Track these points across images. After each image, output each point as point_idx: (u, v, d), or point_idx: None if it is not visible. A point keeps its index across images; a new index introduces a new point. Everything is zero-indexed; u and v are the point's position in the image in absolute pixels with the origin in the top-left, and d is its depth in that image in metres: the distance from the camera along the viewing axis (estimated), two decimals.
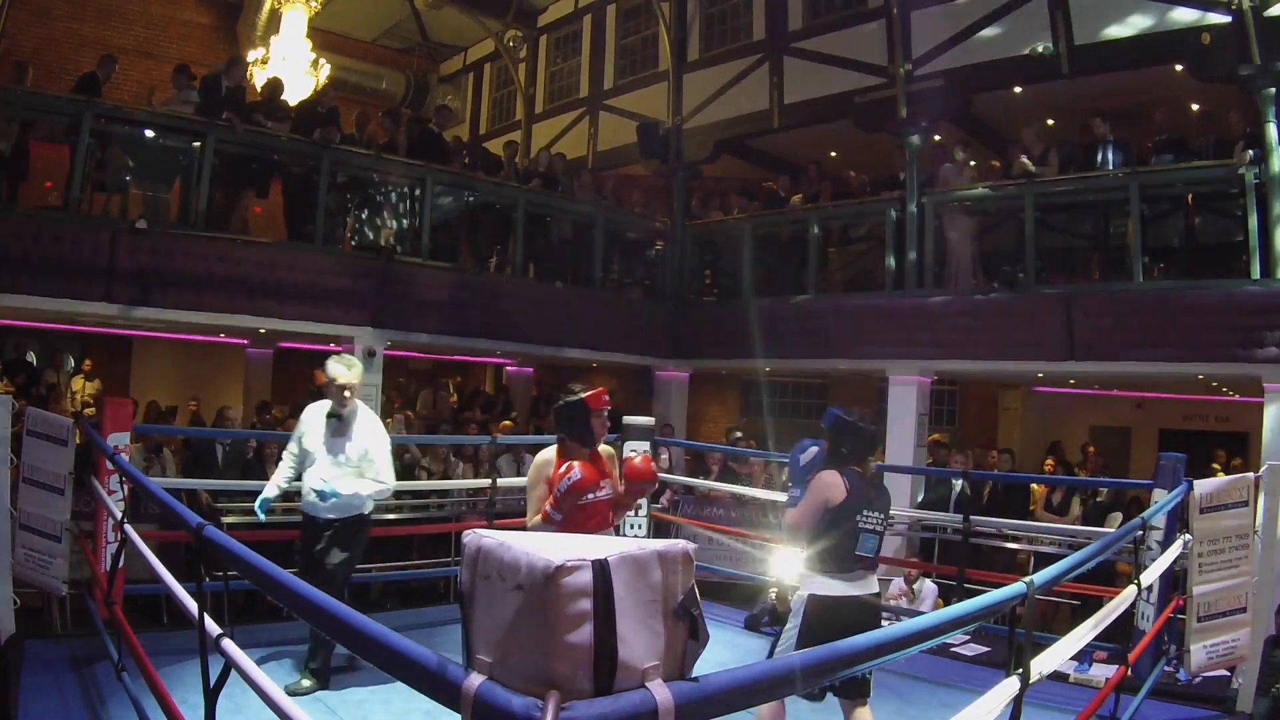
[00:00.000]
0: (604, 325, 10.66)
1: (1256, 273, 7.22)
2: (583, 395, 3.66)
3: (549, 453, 3.68)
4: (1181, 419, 11.52)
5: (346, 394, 4.54)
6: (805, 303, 10.07)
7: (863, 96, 9.82)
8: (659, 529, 7.44)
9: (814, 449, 3.65)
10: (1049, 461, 9.36)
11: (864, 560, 3.45)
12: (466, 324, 9.44)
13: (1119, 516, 7.35)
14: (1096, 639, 3.40)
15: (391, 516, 7.43)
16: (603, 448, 3.82)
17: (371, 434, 4.63)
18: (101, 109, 7.65)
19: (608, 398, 3.76)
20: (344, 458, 4.55)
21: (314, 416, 4.63)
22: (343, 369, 4.53)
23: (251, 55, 11.98)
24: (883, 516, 3.51)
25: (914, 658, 4.32)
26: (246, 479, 7.25)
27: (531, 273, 10.32)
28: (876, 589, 3.56)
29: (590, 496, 3.55)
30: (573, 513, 3.49)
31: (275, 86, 9.15)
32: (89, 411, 8.85)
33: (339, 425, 4.58)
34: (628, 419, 6.98)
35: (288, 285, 8.20)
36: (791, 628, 3.45)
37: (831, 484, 3.44)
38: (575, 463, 3.45)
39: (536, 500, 3.58)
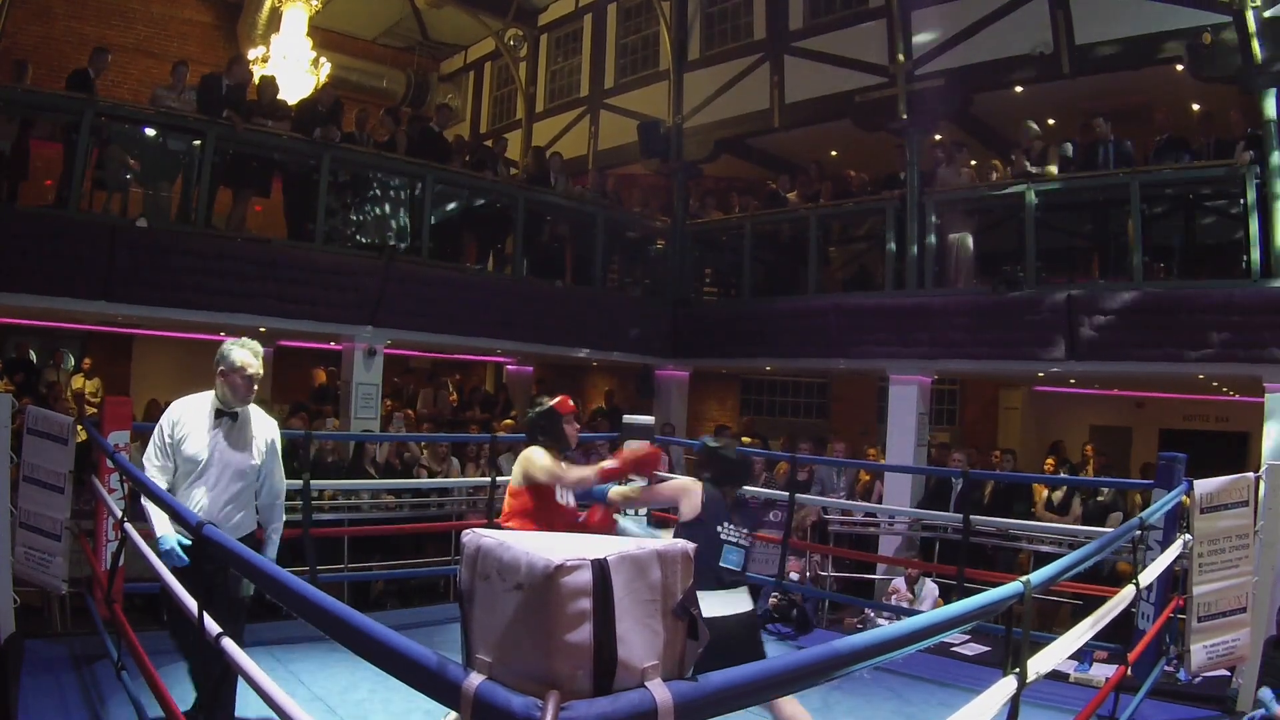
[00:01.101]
0: (604, 325, 10.66)
1: (1256, 273, 7.22)
2: (552, 404, 3.94)
3: (544, 452, 3.87)
4: (1181, 419, 11.52)
5: (255, 387, 3.57)
6: (805, 302, 10.07)
7: (863, 96, 9.81)
8: (659, 528, 7.43)
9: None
10: (1049, 461, 9.36)
11: (731, 571, 3.44)
12: (466, 323, 9.44)
13: (1120, 516, 7.36)
14: (1096, 639, 3.40)
15: (391, 516, 7.45)
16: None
17: (272, 436, 3.68)
18: (101, 107, 7.65)
19: (571, 403, 4.04)
20: (244, 470, 3.53)
21: (194, 416, 3.50)
22: (250, 355, 3.51)
23: (252, 54, 11.98)
24: (745, 530, 3.52)
25: (913, 657, 4.32)
26: None
27: (531, 272, 10.32)
28: (747, 605, 3.49)
29: (573, 501, 3.92)
30: (562, 509, 3.85)
31: (269, 86, 9.14)
32: (90, 411, 8.86)
33: (233, 426, 3.53)
34: (628, 418, 6.98)
35: (288, 284, 8.20)
36: None
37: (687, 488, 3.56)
38: (538, 447, 3.85)
39: (569, 472, 3.85)
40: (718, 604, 3.30)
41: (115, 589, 4.12)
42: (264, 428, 3.63)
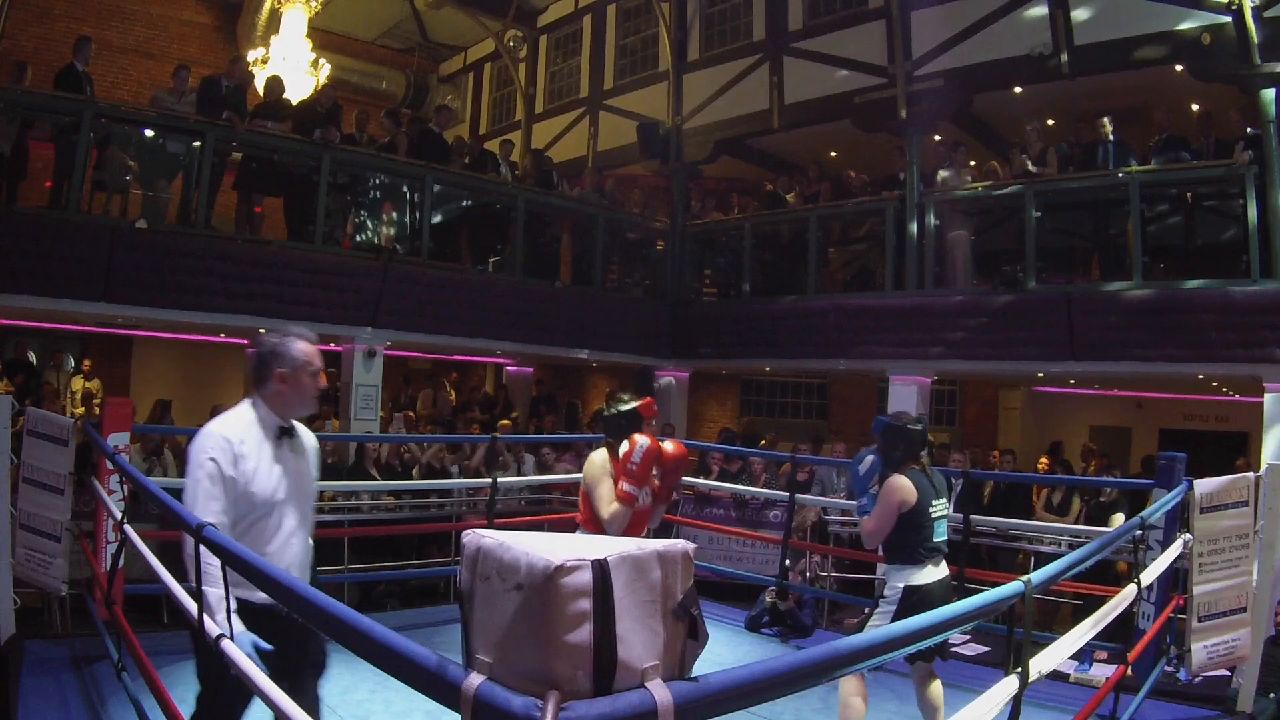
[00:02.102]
0: (604, 325, 10.66)
1: (1256, 273, 7.22)
2: (635, 405, 3.90)
3: (602, 453, 3.84)
4: (1181, 419, 11.53)
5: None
6: (805, 303, 10.07)
7: (863, 96, 9.82)
8: (660, 528, 7.43)
9: (870, 458, 3.87)
10: (1043, 461, 9.36)
11: (940, 545, 3.77)
12: (466, 324, 9.44)
13: (1121, 516, 7.35)
14: (1096, 638, 3.40)
15: (392, 516, 7.44)
16: None
17: (315, 445, 2.92)
18: (100, 109, 7.65)
19: (656, 408, 4.05)
20: (311, 497, 2.85)
21: (253, 442, 2.65)
22: (311, 345, 2.76)
23: (251, 55, 11.99)
24: (945, 501, 3.83)
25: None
26: None
27: (531, 273, 10.32)
28: (948, 570, 3.87)
29: (643, 502, 3.76)
30: (637, 511, 3.72)
31: (275, 85, 9.15)
32: (90, 411, 8.86)
33: (295, 445, 2.78)
34: None
35: (288, 285, 8.20)
36: (885, 611, 3.72)
37: (902, 488, 3.70)
38: (637, 435, 3.71)
39: (604, 494, 3.74)
40: (935, 572, 3.74)
41: (115, 590, 4.11)
42: (308, 437, 2.88)
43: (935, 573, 3.75)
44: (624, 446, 3.72)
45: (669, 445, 3.80)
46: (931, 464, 3.92)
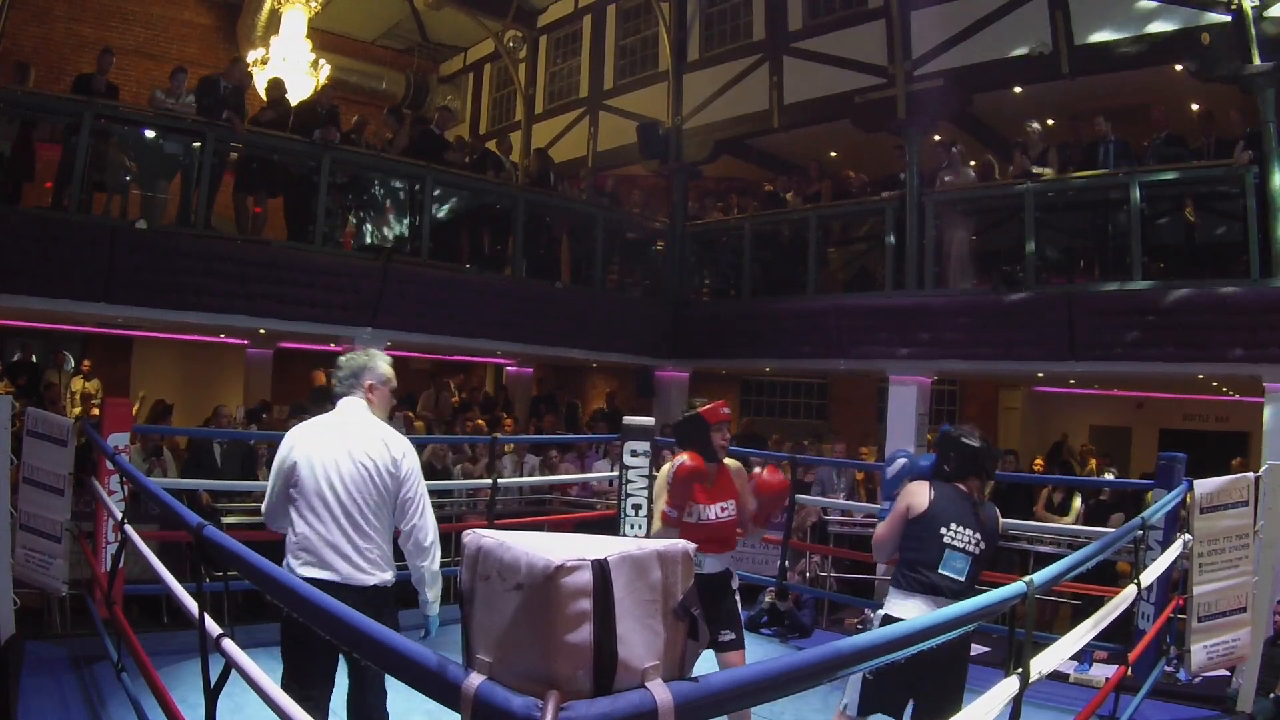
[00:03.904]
0: (604, 325, 10.66)
1: (1256, 273, 7.22)
2: (699, 410, 3.64)
3: (677, 459, 3.59)
4: (1181, 419, 11.53)
5: None
6: (805, 303, 10.07)
7: (863, 96, 9.82)
8: None
9: (902, 460, 3.58)
10: (1038, 461, 9.36)
11: (949, 581, 3.10)
12: (467, 324, 9.44)
13: (1121, 516, 7.36)
14: (1096, 639, 3.40)
15: None
16: (730, 463, 3.74)
17: None
18: (101, 109, 7.65)
19: (727, 410, 3.71)
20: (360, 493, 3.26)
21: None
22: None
23: (251, 55, 11.99)
24: (978, 537, 3.17)
25: None
26: (245, 478, 7.27)
27: (531, 273, 10.32)
28: None
29: (714, 515, 3.57)
30: (695, 527, 3.51)
31: (276, 87, 9.16)
32: (93, 412, 8.84)
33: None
34: (627, 419, 6.96)
35: (288, 285, 8.20)
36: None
37: (915, 491, 3.26)
38: (684, 454, 3.51)
39: (656, 509, 3.62)
40: (930, 609, 2.99)
41: (115, 590, 4.12)
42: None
43: (926, 611, 3.06)
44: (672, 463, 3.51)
45: (766, 474, 3.59)
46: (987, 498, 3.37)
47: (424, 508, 3.07)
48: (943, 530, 3.13)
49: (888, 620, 3.10)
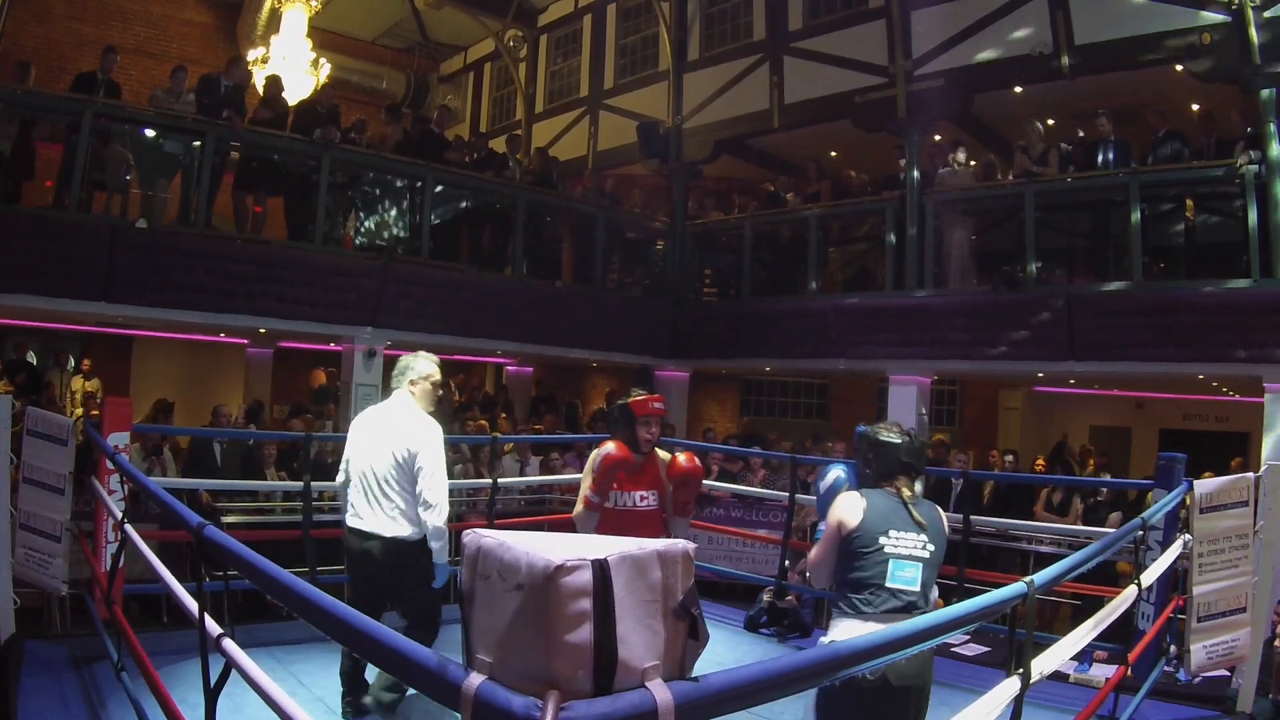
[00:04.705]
0: (604, 325, 10.66)
1: (1256, 273, 7.22)
2: (629, 401, 3.72)
3: (603, 448, 3.70)
4: (1181, 419, 11.53)
5: None
6: (805, 303, 10.07)
7: (863, 96, 9.82)
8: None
9: (836, 472, 3.12)
10: (1039, 461, 9.37)
11: (901, 594, 2.75)
12: (466, 324, 9.44)
13: (1119, 516, 7.36)
14: (1096, 639, 3.39)
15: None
16: (662, 454, 3.83)
17: None
18: (101, 108, 7.64)
19: (659, 405, 3.74)
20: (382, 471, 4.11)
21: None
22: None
23: (252, 55, 11.99)
24: (924, 539, 2.80)
25: None
26: (245, 478, 7.27)
27: (531, 273, 10.32)
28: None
29: (634, 502, 3.69)
30: (616, 513, 3.64)
31: (274, 85, 9.15)
32: (93, 412, 8.85)
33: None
34: None
35: (288, 285, 8.20)
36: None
37: (844, 505, 2.86)
38: (610, 443, 3.60)
39: (580, 493, 3.72)
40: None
41: (115, 590, 4.11)
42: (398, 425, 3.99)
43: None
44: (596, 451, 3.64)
45: (682, 458, 3.68)
46: (922, 493, 2.99)
47: (433, 477, 3.69)
48: (882, 540, 2.78)
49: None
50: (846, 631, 2.75)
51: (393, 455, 3.74)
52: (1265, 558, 4.47)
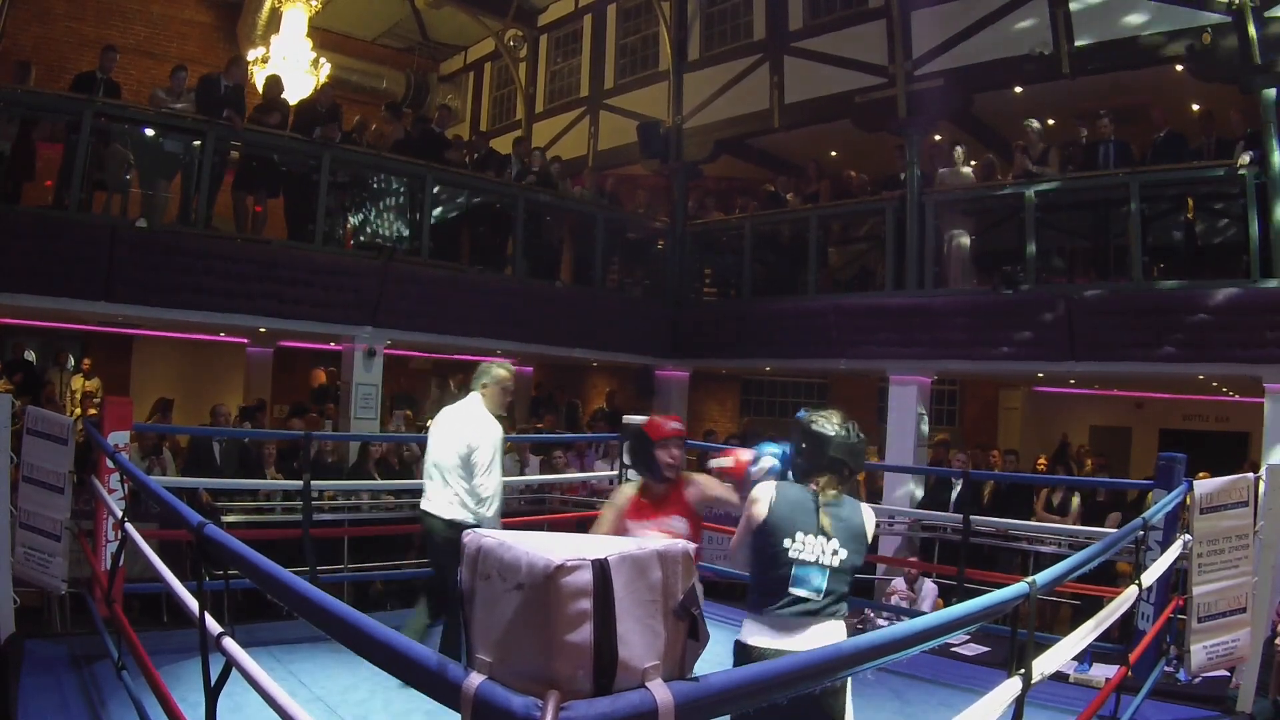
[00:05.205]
0: (604, 325, 10.66)
1: (1256, 273, 7.22)
2: (642, 425, 3.35)
3: (628, 489, 3.36)
4: (1181, 419, 11.53)
5: None
6: (805, 303, 10.07)
7: (863, 96, 9.82)
8: None
9: (767, 455, 2.93)
10: (1041, 460, 9.37)
11: (803, 602, 2.57)
12: (466, 323, 9.44)
13: (1119, 516, 7.36)
14: (1097, 639, 3.39)
15: (392, 516, 7.43)
16: (686, 474, 3.38)
17: None
18: (101, 108, 7.64)
19: (677, 425, 3.34)
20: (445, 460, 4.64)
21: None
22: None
23: (252, 54, 11.98)
24: (835, 545, 2.61)
25: (914, 658, 4.32)
26: (244, 477, 7.27)
27: (532, 272, 10.31)
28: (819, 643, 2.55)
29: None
30: None
31: (274, 85, 9.15)
32: (91, 411, 8.85)
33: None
34: (627, 419, 6.99)
35: (288, 284, 8.20)
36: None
37: (755, 496, 2.69)
38: (627, 485, 3.36)
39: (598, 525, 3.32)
40: (780, 638, 2.57)
41: (115, 589, 4.11)
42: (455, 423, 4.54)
43: (783, 639, 2.57)
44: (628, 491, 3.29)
45: (725, 460, 3.18)
46: (852, 493, 2.77)
47: (486, 470, 4.26)
48: (786, 542, 2.60)
49: (741, 648, 2.64)
50: (748, 629, 2.67)
51: (454, 450, 4.30)
52: (1265, 558, 4.47)
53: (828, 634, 2.58)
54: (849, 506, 2.70)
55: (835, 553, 2.62)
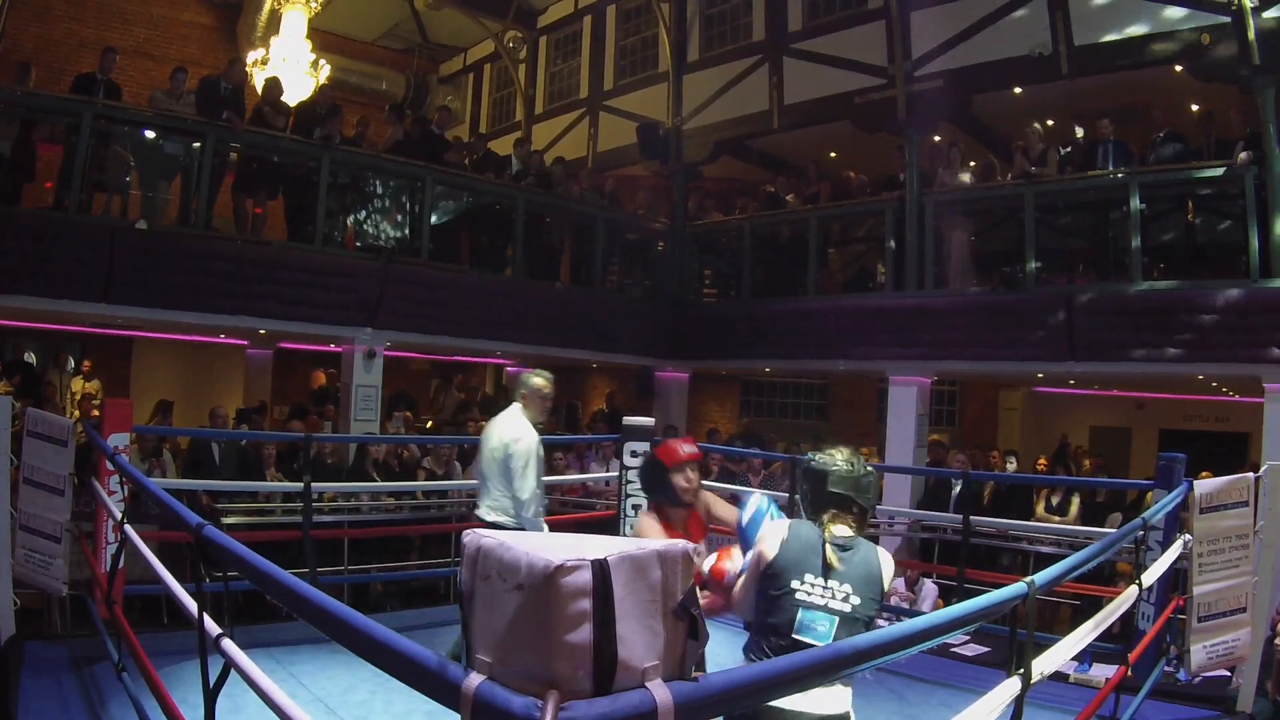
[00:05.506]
0: (604, 325, 10.66)
1: (1256, 273, 7.22)
2: (654, 450, 3.21)
3: (649, 521, 3.20)
4: (1181, 419, 11.53)
5: None
6: (805, 304, 10.07)
7: (863, 97, 9.82)
8: None
9: (757, 501, 2.77)
10: (1041, 461, 9.38)
11: (807, 647, 2.33)
12: (466, 324, 9.44)
13: (1119, 516, 7.36)
14: (1097, 639, 3.39)
15: (392, 517, 7.43)
16: (703, 496, 3.33)
17: None
18: (101, 109, 7.64)
19: (690, 448, 3.20)
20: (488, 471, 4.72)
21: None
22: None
23: (251, 56, 11.99)
24: (847, 590, 2.42)
25: (914, 658, 4.33)
26: (244, 479, 7.27)
27: (531, 273, 10.32)
28: (842, 709, 2.39)
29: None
30: None
31: (274, 87, 9.15)
32: (94, 414, 8.85)
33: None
34: (627, 419, 6.98)
35: (288, 285, 8.20)
36: None
37: (767, 535, 2.54)
38: (645, 515, 3.18)
39: None
40: (798, 700, 2.32)
41: (115, 590, 4.11)
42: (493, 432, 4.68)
43: (797, 699, 2.30)
44: (650, 525, 3.10)
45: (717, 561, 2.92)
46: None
47: (524, 475, 4.38)
48: (794, 584, 2.42)
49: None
50: None
51: (493, 457, 4.48)
52: (1265, 558, 4.47)
53: (832, 697, 2.38)
54: (864, 549, 2.52)
55: (846, 598, 2.41)
